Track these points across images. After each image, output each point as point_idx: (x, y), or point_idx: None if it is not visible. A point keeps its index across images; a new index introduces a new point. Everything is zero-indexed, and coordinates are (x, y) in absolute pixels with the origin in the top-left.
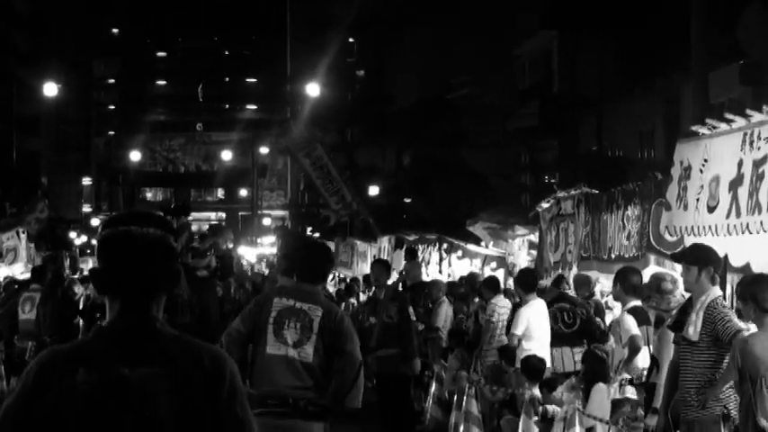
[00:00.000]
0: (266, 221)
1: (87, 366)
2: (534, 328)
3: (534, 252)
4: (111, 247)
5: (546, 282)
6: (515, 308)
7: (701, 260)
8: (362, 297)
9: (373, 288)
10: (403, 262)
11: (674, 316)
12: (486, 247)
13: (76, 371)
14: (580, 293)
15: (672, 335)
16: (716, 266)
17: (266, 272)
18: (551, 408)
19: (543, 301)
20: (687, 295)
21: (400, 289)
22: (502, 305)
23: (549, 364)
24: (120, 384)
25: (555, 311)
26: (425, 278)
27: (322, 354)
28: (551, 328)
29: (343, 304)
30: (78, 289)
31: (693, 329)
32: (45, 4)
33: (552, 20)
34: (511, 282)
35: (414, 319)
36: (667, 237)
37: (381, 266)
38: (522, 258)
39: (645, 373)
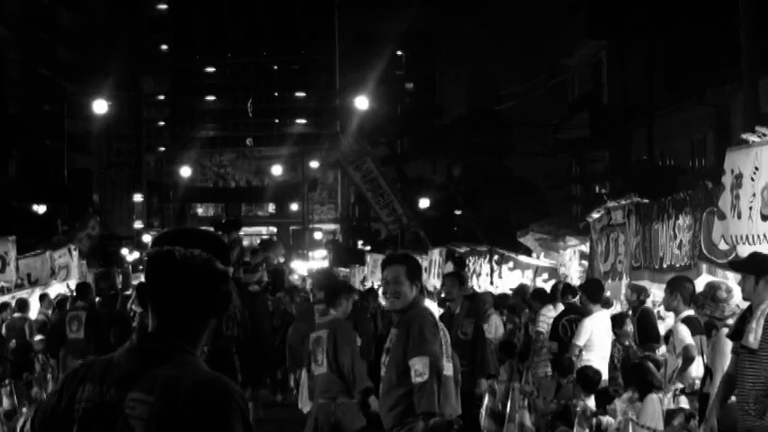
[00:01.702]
0: (317, 235)
1: (94, 384)
2: (596, 339)
3: (585, 262)
4: (154, 267)
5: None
6: (560, 316)
7: (758, 269)
8: None
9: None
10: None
11: (732, 325)
12: (538, 258)
13: (84, 387)
14: (631, 301)
15: (727, 344)
16: None
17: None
18: (605, 419)
19: (607, 313)
20: (742, 305)
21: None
22: (551, 316)
23: (605, 376)
24: (111, 407)
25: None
26: (477, 290)
27: None
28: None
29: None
30: (136, 306)
31: (754, 337)
32: (93, 20)
33: (600, 29)
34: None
35: (489, 335)
36: (721, 245)
37: (453, 279)
38: (574, 269)
39: (698, 382)
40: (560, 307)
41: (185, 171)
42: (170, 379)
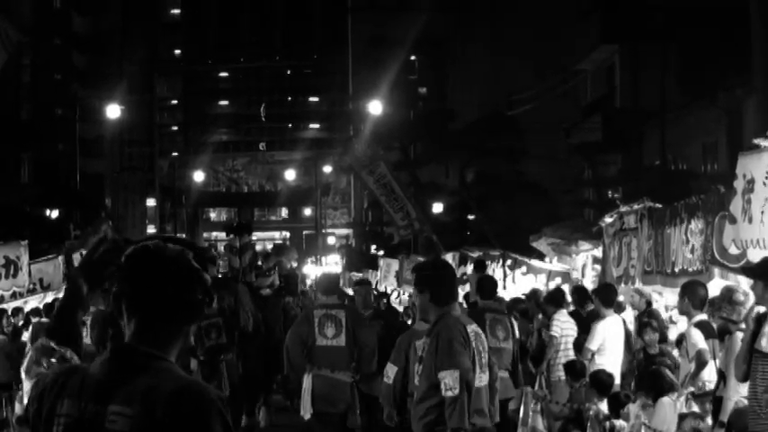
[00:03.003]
0: (330, 240)
1: (72, 398)
2: (608, 344)
3: (598, 267)
4: (130, 264)
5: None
6: (580, 320)
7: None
8: None
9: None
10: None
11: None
12: (551, 262)
13: (63, 402)
14: (640, 306)
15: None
16: None
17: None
18: (618, 423)
19: (620, 318)
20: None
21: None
22: (564, 320)
23: (617, 381)
24: (90, 422)
25: None
26: None
27: None
28: None
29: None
30: None
31: (766, 341)
32: (106, 24)
33: (613, 34)
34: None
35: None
36: (732, 250)
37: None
38: (587, 273)
39: (708, 384)
40: (571, 308)
41: (198, 176)
42: (148, 388)
